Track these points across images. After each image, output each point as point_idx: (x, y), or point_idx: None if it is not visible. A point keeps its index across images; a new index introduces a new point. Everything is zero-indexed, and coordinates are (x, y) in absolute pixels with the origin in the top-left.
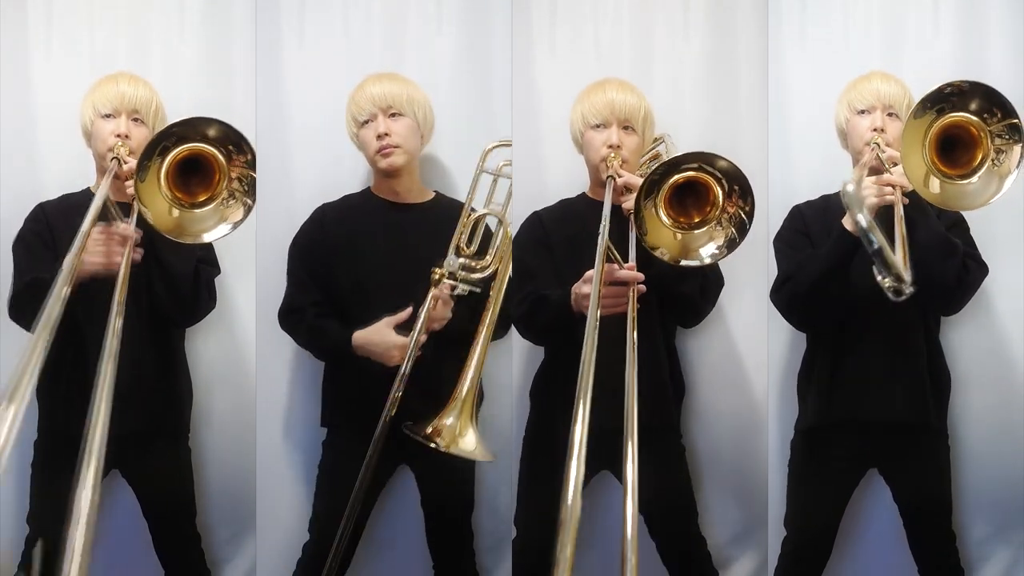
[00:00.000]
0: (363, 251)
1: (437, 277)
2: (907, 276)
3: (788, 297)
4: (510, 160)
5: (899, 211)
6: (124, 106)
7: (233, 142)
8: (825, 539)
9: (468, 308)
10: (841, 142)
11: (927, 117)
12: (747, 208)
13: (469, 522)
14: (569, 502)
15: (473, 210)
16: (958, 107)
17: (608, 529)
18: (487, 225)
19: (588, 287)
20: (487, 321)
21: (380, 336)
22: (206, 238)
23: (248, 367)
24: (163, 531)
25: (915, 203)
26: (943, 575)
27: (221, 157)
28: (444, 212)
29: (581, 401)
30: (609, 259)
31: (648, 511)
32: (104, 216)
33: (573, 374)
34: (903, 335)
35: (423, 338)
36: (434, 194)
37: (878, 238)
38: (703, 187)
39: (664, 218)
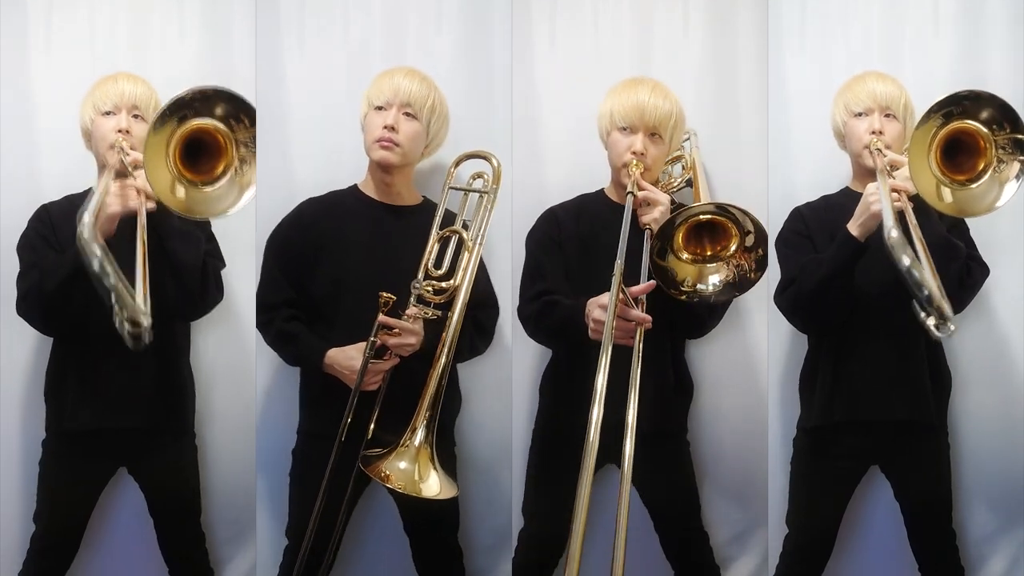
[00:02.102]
0: (345, 250)
1: (383, 301)
2: (949, 311)
3: (791, 300)
4: (482, 173)
5: (912, 219)
6: (124, 102)
7: (233, 115)
8: (827, 537)
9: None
10: (839, 143)
11: (933, 123)
12: (754, 275)
13: (455, 539)
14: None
15: (439, 230)
16: (969, 113)
17: (612, 521)
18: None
19: (598, 313)
20: (443, 351)
21: (349, 360)
22: (233, 211)
23: (248, 365)
24: (168, 529)
25: (917, 205)
26: (943, 573)
27: (225, 128)
28: (430, 216)
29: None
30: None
31: (653, 508)
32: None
33: (580, 369)
34: (904, 335)
35: (386, 365)
36: (423, 199)
37: (927, 283)
38: (721, 227)
39: (684, 256)
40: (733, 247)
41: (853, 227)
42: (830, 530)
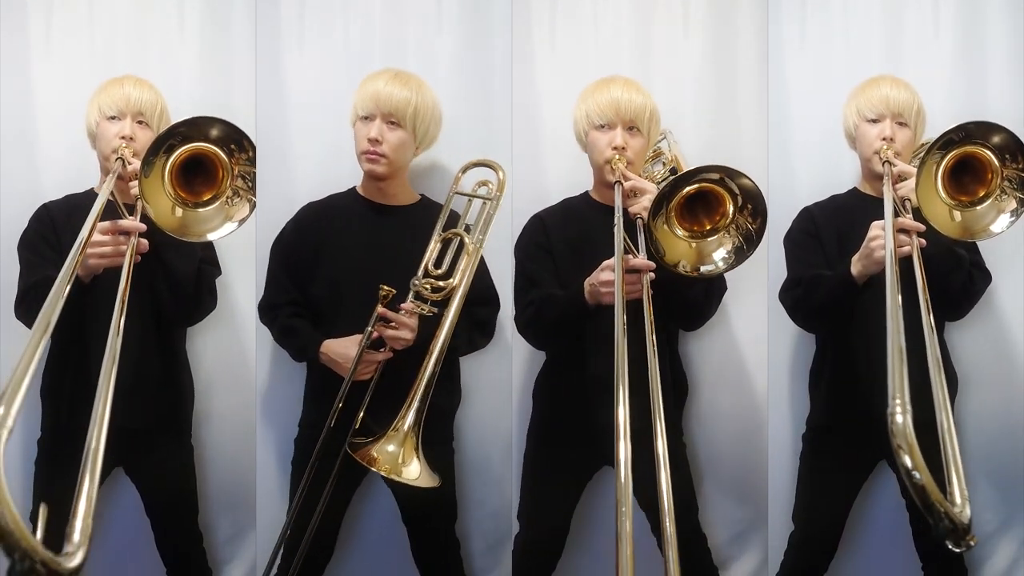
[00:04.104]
0: (342, 251)
1: (383, 294)
2: (966, 513)
3: (792, 304)
4: (487, 180)
5: (919, 263)
6: (129, 108)
7: (235, 140)
8: (832, 533)
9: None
10: (849, 144)
11: (933, 160)
12: (756, 226)
13: (452, 532)
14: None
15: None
16: (975, 137)
17: (609, 526)
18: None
19: (606, 275)
20: (436, 349)
21: (343, 349)
22: (210, 237)
23: (248, 366)
24: (166, 529)
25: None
26: (947, 572)
27: (224, 156)
28: (428, 216)
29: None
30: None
31: (650, 507)
32: (110, 215)
33: (574, 373)
34: (909, 335)
35: (380, 356)
36: (420, 197)
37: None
38: (713, 195)
39: (679, 232)
40: (730, 212)
41: (855, 266)
42: (836, 527)
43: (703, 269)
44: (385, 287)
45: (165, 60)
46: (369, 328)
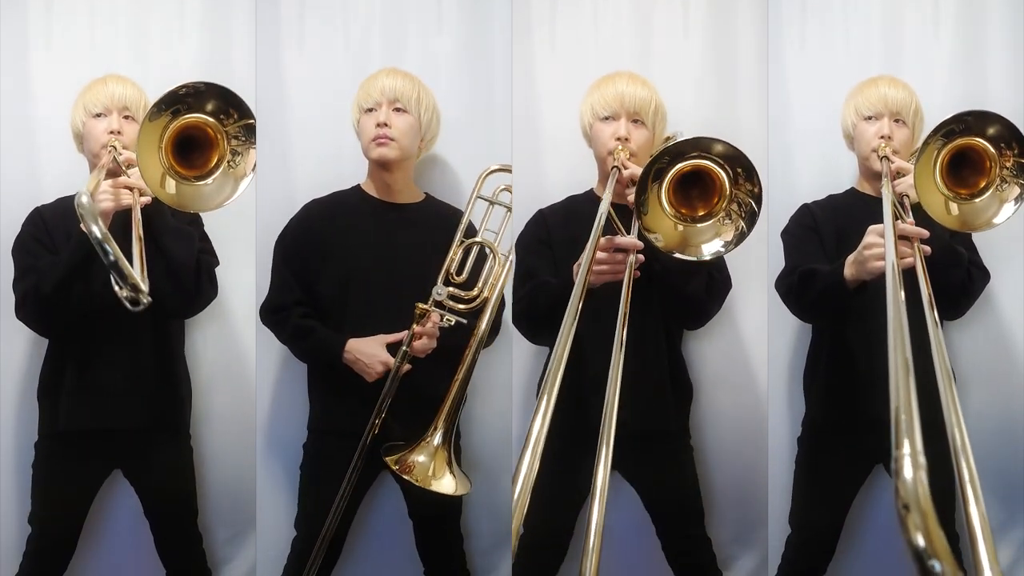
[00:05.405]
0: (349, 249)
1: (419, 312)
2: None
3: (786, 291)
4: (508, 186)
5: (923, 274)
6: (115, 104)
7: (224, 111)
8: (830, 536)
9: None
10: (847, 144)
11: (934, 146)
12: (756, 190)
13: (457, 526)
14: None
15: (464, 238)
16: (973, 129)
17: (614, 529)
18: (483, 250)
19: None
20: (468, 357)
21: (371, 349)
22: (229, 203)
23: (247, 365)
24: (165, 530)
25: (921, 214)
26: None
27: (214, 121)
28: (433, 214)
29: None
30: (613, 231)
31: (655, 512)
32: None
33: (577, 373)
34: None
35: (406, 367)
36: (425, 195)
37: None
38: (710, 179)
39: (666, 206)
40: (727, 189)
41: (848, 268)
42: (833, 530)
43: (678, 255)
44: (421, 305)
45: (165, 60)
46: (404, 348)
